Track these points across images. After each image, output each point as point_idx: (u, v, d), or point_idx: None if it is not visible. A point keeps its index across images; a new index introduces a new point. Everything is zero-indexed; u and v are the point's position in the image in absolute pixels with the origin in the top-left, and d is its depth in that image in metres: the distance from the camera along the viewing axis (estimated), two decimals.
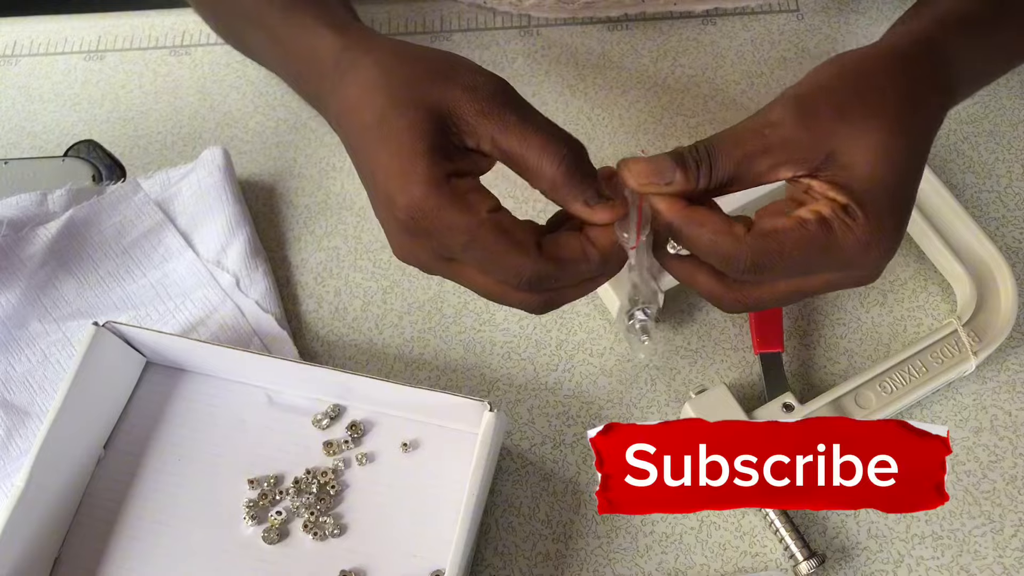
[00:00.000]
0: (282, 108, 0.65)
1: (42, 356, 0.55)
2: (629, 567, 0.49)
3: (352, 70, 0.43)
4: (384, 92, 0.40)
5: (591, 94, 0.65)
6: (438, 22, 0.69)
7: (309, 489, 0.50)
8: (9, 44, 0.70)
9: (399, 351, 0.56)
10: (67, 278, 0.57)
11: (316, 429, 0.52)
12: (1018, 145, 0.61)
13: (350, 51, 0.44)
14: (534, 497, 0.51)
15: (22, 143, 0.65)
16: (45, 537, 0.48)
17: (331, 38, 0.46)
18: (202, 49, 0.69)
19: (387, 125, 0.40)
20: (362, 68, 0.42)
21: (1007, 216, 0.58)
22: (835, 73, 0.42)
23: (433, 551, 0.48)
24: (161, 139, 0.65)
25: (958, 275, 0.54)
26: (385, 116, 0.40)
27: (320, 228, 0.61)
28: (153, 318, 0.55)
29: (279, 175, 0.63)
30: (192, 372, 0.54)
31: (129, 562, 0.48)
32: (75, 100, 0.67)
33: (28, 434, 0.52)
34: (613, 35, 0.67)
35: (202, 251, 0.58)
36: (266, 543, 0.49)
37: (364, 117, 0.41)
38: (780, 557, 0.49)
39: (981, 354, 0.52)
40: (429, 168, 0.39)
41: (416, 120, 0.39)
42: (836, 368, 0.54)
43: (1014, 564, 0.48)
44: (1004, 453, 0.51)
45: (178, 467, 0.51)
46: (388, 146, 0.39)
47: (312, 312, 0.58)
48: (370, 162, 0.41)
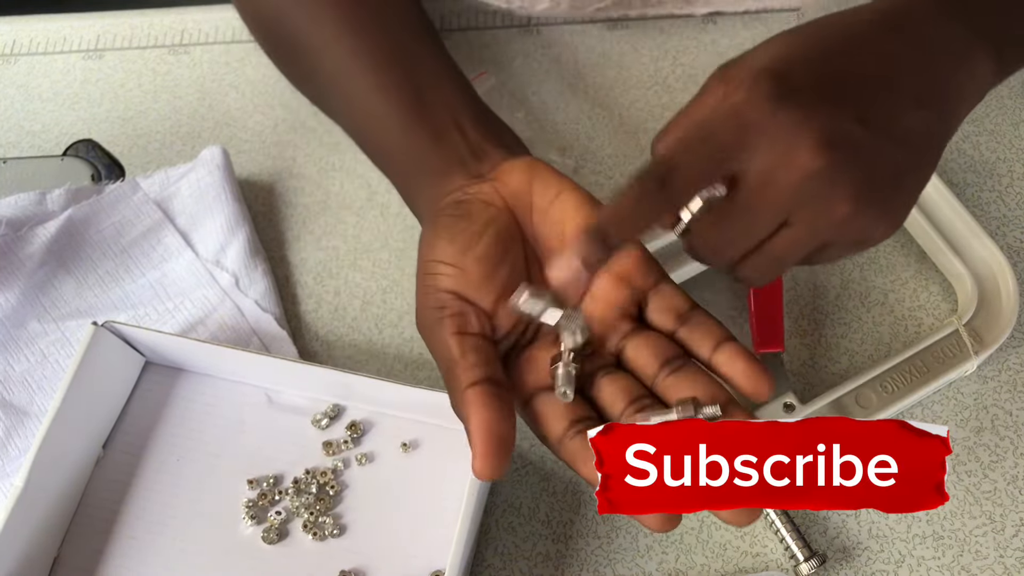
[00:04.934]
0: (281, 108, 0.65)
1: (41, 356, 0.55)
2: (629, 567, 0.49)
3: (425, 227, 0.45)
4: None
5: (591, 94, 0.65)
6: (438, 21, 0.69)
7: (308, 489, 0.50)
8: (8, 43, 0.69)
9: (399, 351, 0.56)
10: (66, 278, 0.57)
11: (315, 429, 0.52)
12: (1019, 144, 0.61)
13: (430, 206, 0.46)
14: (534, 497, 0.51)
15: (21, 142, 0.65)
16: (44, 537, 0.48)
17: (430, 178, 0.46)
18: (201, 48, 0.69)
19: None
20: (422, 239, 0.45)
21: (1008, 216, 0.58)
22: None
23: (433, 551, 0.48)
24: (160, 138, 0.65)
25: (959, 275, 0.54)
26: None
27: (319, 228, 0.60)
28: (152, 318, 0.55)
29: (278, 175, 0.63)
30: (191, 372, 0.53)
31: (128, 562, 0.48)
32: (74, 99, 0.67)
33: (27, 434, 0.52)
34: (613, 35, 0.67)
35: (201, 251, 0.58)
36: (265, 543, 0.49)
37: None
38: (781, 557, 0.49)
39: (982, 354, 0.52)
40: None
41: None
42: (837, 368, 0.54)
43: (1015, 564, 0.48)
44: (1005, 453, 0.51)
45: (177, 467, 0.51)
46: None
47: (311, 312, 0.57)
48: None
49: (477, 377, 0.39)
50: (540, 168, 0.44)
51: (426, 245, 0.43)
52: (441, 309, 0.41)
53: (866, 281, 0.56)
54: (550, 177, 0.44)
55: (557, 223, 0.43)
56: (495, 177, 0.45)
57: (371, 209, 0.61)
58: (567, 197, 0.43)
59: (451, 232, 0.43)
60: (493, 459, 0.38)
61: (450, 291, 0.42)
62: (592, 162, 0.62)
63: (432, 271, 0.42)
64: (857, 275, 0.57)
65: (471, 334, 0.41)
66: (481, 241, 0.42)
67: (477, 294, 0.41)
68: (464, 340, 0.40)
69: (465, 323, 0.41)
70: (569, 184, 0.44)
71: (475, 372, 0.39)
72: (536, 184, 0.44)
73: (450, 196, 0.44)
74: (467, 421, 0.39)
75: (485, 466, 0.38)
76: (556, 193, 0.43)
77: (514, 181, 0.44)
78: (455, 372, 0.40)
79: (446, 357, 0.40)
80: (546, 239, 0.43)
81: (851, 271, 0.57)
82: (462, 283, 0.42)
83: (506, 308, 0.41)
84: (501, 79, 0.65)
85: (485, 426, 0.38)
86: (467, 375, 0.39)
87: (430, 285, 0.42)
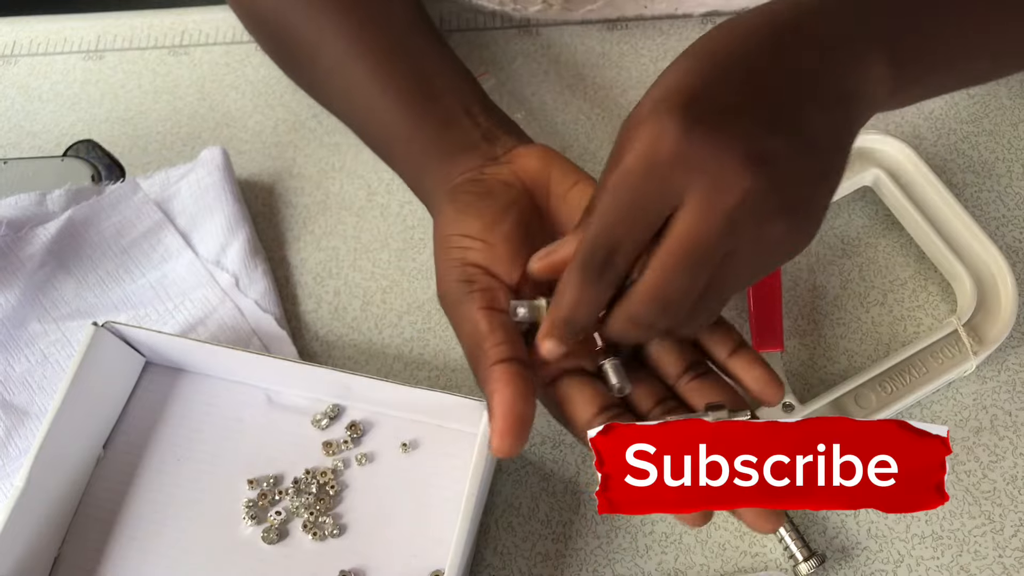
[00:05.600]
0: (281, 108, 0.65)
1: (41, 356, 0.55)
2: (629, 567, 0.49)
3: (436, 214, 0.46)
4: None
5: (591, 94, 0.65)
6: (438, 21, 0.69)
7: (308, 489, 0.50)
8: (8, 44, 0.69)
9: (399, 351, 0.56)
10: (66, 278, 0.57)
11: (315, 429, 0.52)
12: (1018, 145, 0.61)
13: (437, 192, 0.46)
14: (534, 497, 0.51)
15: (21, 143, 0.65)
16: (45, 537, 0.48)
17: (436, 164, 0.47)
18: (201, 49, 0.69)
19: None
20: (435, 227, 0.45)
21: (1007, 216, 0.58)
22: None
23: (432, 551, 0.48)
24: (160, 139, 0.65)
25: (958, 275, 0.54)
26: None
27: (319, 228, 0.60)
28: (152, 318, 0.55)
29: (278, 175, 0.63)
30: (191, 372, 0.54)
31: (129, 562, 0.48)
32: (74, 100, 0.67)
33: (27, 434, 0.52)
34: (613, 35, 0.67)
35: (201, 251, 0.58)
36: (265, 543, 0.49)
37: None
38: (780, 557, 0.49)
39: (981, 354, 0.52)
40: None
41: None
42: (836, 368, 0.54)
43: (1014, 564, 0.48)
44: (1004, 453, 0.51)
45: (177, 467, 0.51)
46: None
47: (311, 312, 0.58)
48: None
49: (504, 355, 0.39)
50: (556, 156, 0.45)
51: (449, 220, 0.43)
52: (469, 283, 0.41)
53: (865, 281, 0.57)
54: (567, 165, 0.45)
55: (576, 210, 0.43)
56: (511, 160, 0.45)
57: (371, 209, 0.61)
58: (584, 187, 0.44)
59: (477, 208, 0.43)
60: (512, 438, 0.38)
61: (478, 265, 0.41)
62: (592, 162, 0.62)
63: (458, 244, 0.42)
64: (856, 275, 0.57)
65: (499, 310, 0.40)
66: (507, 219, 0.42)
67: (505, 270, 0.41)
68: (493, 316, 0.40)
69: (493, 298, 0.41)
70: (584, 174, 0.44)
71: (502, 349, 0.39)
72: (554, 171, 0.44)
73: (465, 175, 0.45)
74: (490, 398, 0.39)
75: (504, 444, 0.38)
76: (574, 181, 0.44)
77: (532, 166, 0.44)
78: (483, 347, 0.40)
79: (473, 332, 0.40)
80: (563, 225, 0.44)
81: (850, 271, 0.57)
82: (490, 258, 0.41)
83: (528, 288, 0.42)
84: (501, 79, 0.65)
85: (508, 405, 0.38)
86: (495, 352, 0.39)
87: (456, 258, 0.42)
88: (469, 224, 0.42)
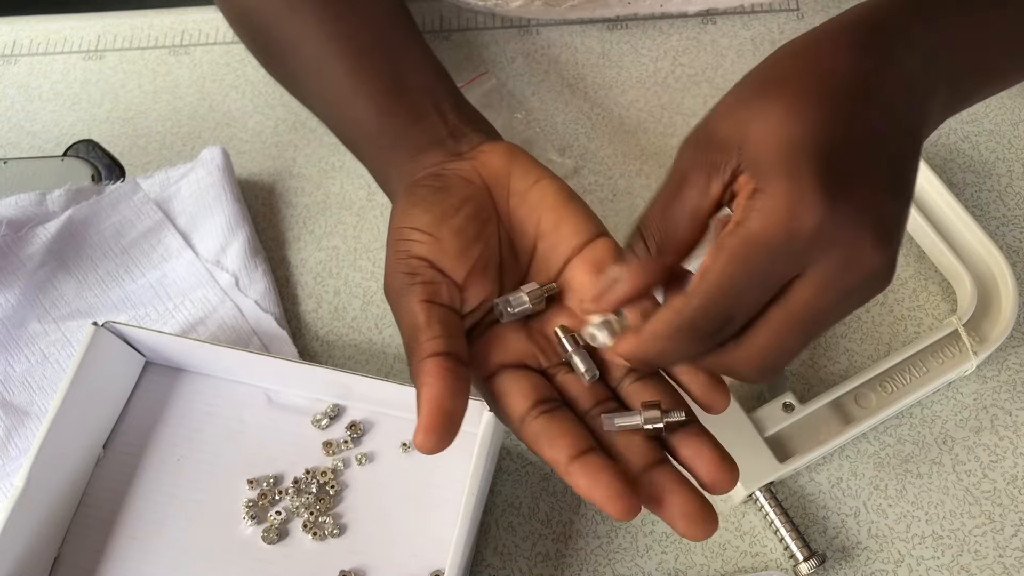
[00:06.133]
0: (281, 108, 0.65)
1: (41, 356, 0.55)
2: (629, 567, 0.49)
3: (394, 205, 0.45)
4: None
5: (591, 94, 0.65)
6: (437, 21, 0.69)
7: (308, 489, 0.50)
8: (8, 43, 0.70)
9: (399, 351, 0.56)
10: (66, 278, 0.57)
11: (315, 429, 0.52)
12: (1018, 144, 0.61)
13: (399, 184, 0.45)
14: (534, 497, 0.51)
15: (21, 143, 0.65)
16: (45, 537, 0.48)
17: (403, 158, 0.46)
18: (201, 49, 0.69)
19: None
20: (393, 215, 0.44)
21: (1007, 215, 0.58)
22: (758, 66, 0.38)
23: (433, 551, 0.48)
24: (160, 139, 0.65)
25: (958, 274, 0.54)
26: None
27: (319, 228, 0.60)
28: (152, 318, 0.55)
29: (278, 175, 0.63)
30: (191, 372, 0.54)
31: (129, 562, 0.48)
32: (74, 100, 0.67)
33: (27, 434, 0.52)
34: (613, 35, 0.67)
35: (201, 251, 0.58)
36: (265, 543, 0.49)
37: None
38: (780, 557, 0.49)
39: (981, 354, 0.52)
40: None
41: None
42: (836, 368, 0.54)
43: (1014, 564, 0.48)
44: (1004, 453, 0.51)
45: (177, 467, 0.51)
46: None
47: (311, 312, 0.58)
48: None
49: (438, 349, 0.39)
50: (519, 153, 0.45)
51: (401, 213, 0.43)
52: (412, 275, 0.41)
53: None
54: (529, 163, 0.44)
55: (535, 208, 0.43)
56: (474, 156, 0.45)
57: (371, 209, 0.61)
58: (546, 185, 0.43)
59: (428, 202, 0.42)
60: (435, 434, 0.37)
61: (423, 258, 0.41)
62: (592, 162, 0.62)
63: (406, 237, 0.42)
64: None
65: (440, 304, 0.40)
66: (459, 214, 0.42)
67: (450, 265, 0.41)
68: (432, 309, 0.40)
69: (435, 292, 0.40)
70: (548, 172, 0.44)
71: (437, 343, 0.39)
72: (515, 168, 0.44)
73: (427, 170, 0.45)
74: (419, 391, 0.38)
75: (427, 440, 0.37)
76: (535, 180, 0.44)
77: (493, 162, 0.44)
78: (418, 339, 0.39)
79: (411, 324, 0.40)
80: (521, 223, 0.44)
81: None
82: (436, 252, 0.41)
83: (477, 283, 0.41)
84: (501, 79, 0.65)
85: (436, 400, 0.37)
86: (429, 345, 0.39)
87: (403, 251, 0.42)
88: (418, 217, 0.42)
